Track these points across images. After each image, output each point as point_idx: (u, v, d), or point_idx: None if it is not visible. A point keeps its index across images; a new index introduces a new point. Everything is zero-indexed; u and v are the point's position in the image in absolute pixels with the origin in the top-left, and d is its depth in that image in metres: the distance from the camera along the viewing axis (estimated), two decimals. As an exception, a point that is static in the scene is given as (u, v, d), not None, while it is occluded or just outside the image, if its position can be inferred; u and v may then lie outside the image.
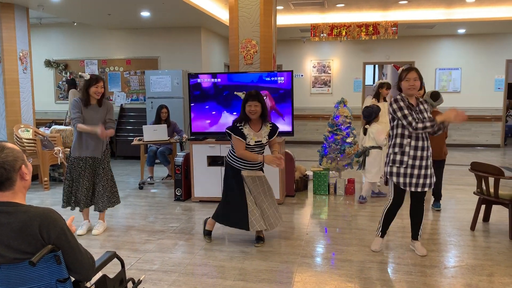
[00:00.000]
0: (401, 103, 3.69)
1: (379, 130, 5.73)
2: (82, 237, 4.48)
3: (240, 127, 4.02)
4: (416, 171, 3.72)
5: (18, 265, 1.72)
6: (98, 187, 4.57)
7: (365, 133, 5.91)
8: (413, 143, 3.70)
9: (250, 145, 4.01)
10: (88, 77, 4.52)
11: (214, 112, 5.76)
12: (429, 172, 3.76)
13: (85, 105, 4.48)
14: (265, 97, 5.49)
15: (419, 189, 3.76)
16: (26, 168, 1.84)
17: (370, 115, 5.81)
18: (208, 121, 5.80)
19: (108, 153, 4.68)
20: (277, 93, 5.60)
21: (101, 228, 4.66)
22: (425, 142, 3.72)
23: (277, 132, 4.16)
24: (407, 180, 3.74)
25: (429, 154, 3.74)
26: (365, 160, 5.81)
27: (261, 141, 4.04)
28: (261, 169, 4.18)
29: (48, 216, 1.74)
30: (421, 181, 3.74)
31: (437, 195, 5.48)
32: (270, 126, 4.13)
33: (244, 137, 3.99)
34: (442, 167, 5.32)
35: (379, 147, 5.73)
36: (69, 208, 4.61)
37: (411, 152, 3.70)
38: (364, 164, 5.83)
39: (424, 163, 3.72)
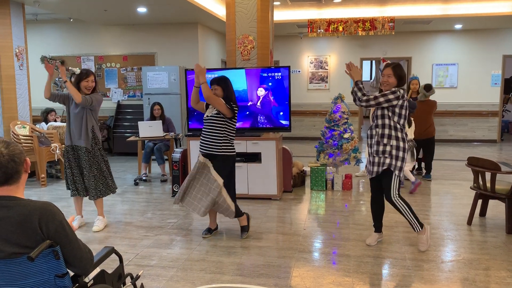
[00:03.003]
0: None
1: None
2: (81, 232, 4.48)
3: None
4: (368, 158, 3.98)
5: (16, 260, 1.72)
6: (87, 176, 4.50)
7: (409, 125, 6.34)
8: (367, 132, 3.98)
9: (206, 117, 4.18)
10: (78, 71, 4.48)
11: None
12: (371, 159, 3.89)
13: None
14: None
15: (367, 175, 4.00)
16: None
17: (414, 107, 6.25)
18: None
19: (97, 143, 4.55)
20: (274, 88, 5.60)
21: (101, 224, 4.65)
22: (372, 131, 3.88)
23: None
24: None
25: (373, 142, 3.86)
26: None
27: (208, 115, 4.16)
28: (207, 156, 4.14)
29: (47, 209, 1.75)
30: (368, 168, 3.95)
31: (428, 168, 6.80)
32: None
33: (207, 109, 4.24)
34: (431, 143, 6.72)
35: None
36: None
37: (367, 141, 3.98)
38: None
39: (370, 150, 3.93)
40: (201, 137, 4.19)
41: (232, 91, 4.20)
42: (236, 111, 4.14)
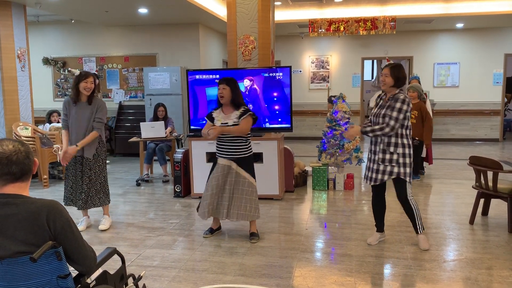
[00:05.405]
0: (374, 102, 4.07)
1: None
2: (83, 233, 4.48)
3: (211, 111, 4.27)
4: (369, 165, 3.96)
5: (19, 260, 1.72)
6: (85, 186, 4.47)
7: None
8: (371, 138, 3.96)
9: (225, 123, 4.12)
10: (78, 73, 4.47)
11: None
12: (375, 167, 3.84)
13: (74, 102, 4.41)
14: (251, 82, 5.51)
15: (367, 182, 3.96)
16: None
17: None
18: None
19: (101, 155, 4.54)
20: (276, 88, 5.60)
21: (107, 223, 4.66)
22: (375, 138, 3.86)
23: (247, 114, 4.08)
24: (364, 172, 4.06)
25: (377, 149, 3.82)
26: None
27: (227, 123, 4.08)
28: (234, 160, 4.13)
29: (54, 207, 1.78)
30: (369, 174, 3.94)
31: (416, 169, 6.64)
32: (242, 111, 4.10)
33: (212, 119, 4.18)
34: (420, 147, 6.54)
35: None
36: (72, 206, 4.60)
37: (370, 147, 3.96)
38: None
39: (373, 157, 3.90)
40: (220, 143, 4.16)
41: (240, 93, 4.19)
42: (255, 117, 4.18)
